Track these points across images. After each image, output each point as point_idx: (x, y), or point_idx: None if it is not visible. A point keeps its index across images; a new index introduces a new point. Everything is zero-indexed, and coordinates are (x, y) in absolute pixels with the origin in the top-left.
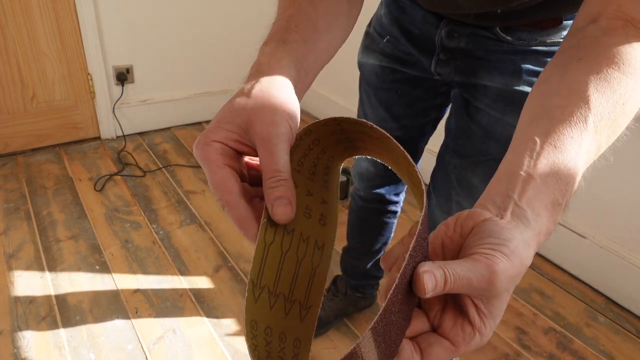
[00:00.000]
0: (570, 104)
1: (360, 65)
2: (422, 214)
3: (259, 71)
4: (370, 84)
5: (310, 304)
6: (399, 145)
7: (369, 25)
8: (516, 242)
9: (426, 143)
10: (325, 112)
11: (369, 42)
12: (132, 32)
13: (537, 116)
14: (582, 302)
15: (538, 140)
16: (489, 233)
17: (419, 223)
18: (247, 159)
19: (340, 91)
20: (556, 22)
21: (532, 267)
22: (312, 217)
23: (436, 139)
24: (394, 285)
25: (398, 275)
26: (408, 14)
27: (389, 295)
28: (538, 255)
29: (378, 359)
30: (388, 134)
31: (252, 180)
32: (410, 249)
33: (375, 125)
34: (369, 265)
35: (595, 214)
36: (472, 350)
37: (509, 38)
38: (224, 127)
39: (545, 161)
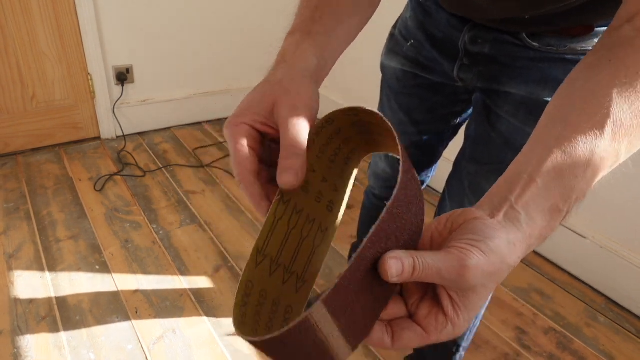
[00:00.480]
0: (589, 108)
1: (383, 68)
2: (390, 203)
3: (284, 60)
4: (392, 88)
5: (306, 279)
6: (397, 141)
7: (394, 27)
8: (498, 241)
9: (445, 147)
10: (324, 112)
11: (393, 45)
12: (132, 32)
13: (554, 119)
14: (582, 302)
15: (549, 144)
16: (472, 230)
17: (385, 210)
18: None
19: (341, 91)
20: (588, 30)
21: (532, 267)
22: (321, 203)
23: (455, 146)
24: (349, 265)
25: (354, 256)
26: (433, 17)
27: (342, 272)
28: (538, 255)
29: (341, 333)
30: (392, 128)
31: (274, 163)
32: (370, 234)
33: (383, 117)
34: None
35: (595, 214)
36: (444, 339)
37: (535, 44)
38: (252, 110)
39: (551, 165)
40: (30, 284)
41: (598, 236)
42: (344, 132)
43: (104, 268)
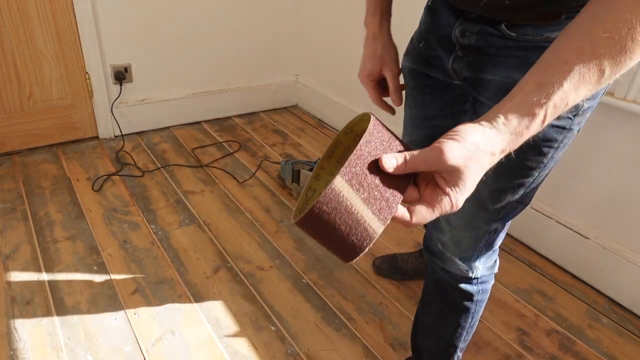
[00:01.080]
0: (573, 36)
1: (402, 69)
2: (366, 136)
3: (375, 36)
4: (409, 86)
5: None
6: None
7: (415, 31)
8: (473, 133)
9: None
10: (324, 112)
11: (410, 47)
12: (130, 31)
13: (549, 51)
14: (585, 304)
15: (536, 68)
16: (455, 130)
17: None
18: None
19: (341, 91)
20: (556, 15)
21: (534, 267)
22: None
23: None
24: (354, 152)
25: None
26: (439, 16)
27: (351, 157)
28: (540, 256)
29: (365, 204)
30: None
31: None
32: (361, 142)
33: (357, 117)
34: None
35: (597, 215)
36: (445, 211)
37: (513, 34)
38: (371, 70)
39: (533, 81)
40: (27, 285)
41: (600, 237)
42: (350, 149)
43: (102, 269)
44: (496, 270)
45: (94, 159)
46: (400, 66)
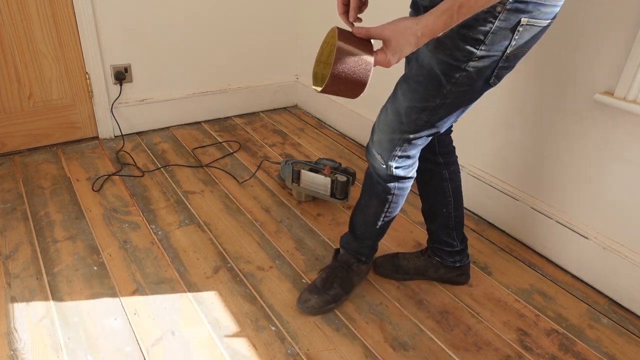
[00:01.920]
0: None
1: None
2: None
3: None
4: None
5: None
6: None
7: None
8: (406, 19)
9: None
10: (324, 112)
11: (410, 11)
12: (130, 31)
13: None
14: (585, 304)
15: None
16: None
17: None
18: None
19: None
20: None
21: (534, 268)
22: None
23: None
24: (339, 32)
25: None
26: None
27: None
28: (540, 255)
29: (358, 49)
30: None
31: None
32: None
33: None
34: (435, 229)
35: (597, 214)
36: (386, 63)
37: None
38: None
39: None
40: (27, 286)
41: (600, 237)
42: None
43: (102, 269)
44: (413, 175)
45: (94, 159)
46: None
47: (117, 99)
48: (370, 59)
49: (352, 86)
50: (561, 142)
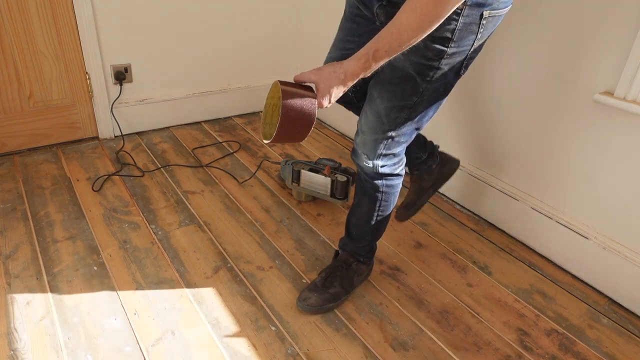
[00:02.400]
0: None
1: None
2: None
3: None
4: (345, 13)
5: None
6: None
7: None
8: (329, 66)
9: None
10: (324, 112)
11: None
12: (130, 31)
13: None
14: (585, 304)
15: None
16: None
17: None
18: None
19: None
20: None
21: (534, 268)
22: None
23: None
24: (282, 84)
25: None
26: None
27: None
28: (540, 256)
29: (302, 90)
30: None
31: None
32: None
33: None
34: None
35: (597, 215)
36: (319, 105)
37: None
38: None
39: (367, 44)
40: (27, 285)
41: (600, 237)
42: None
43: (102, 269)
44: (400, 172)
45: (94, 159)
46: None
47: (117, 99)
48: (314, 98)
49: (301, 124)
50: (561, 142)
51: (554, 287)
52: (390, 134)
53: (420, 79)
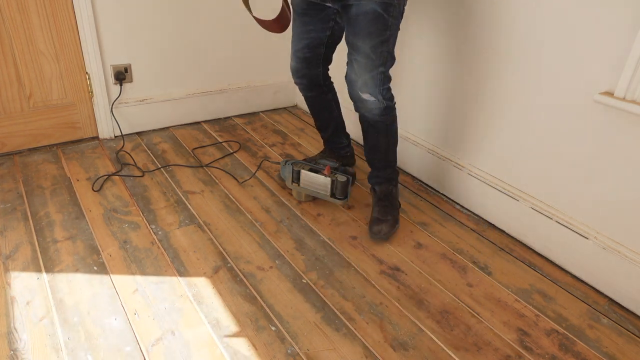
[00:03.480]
0: None
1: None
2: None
3: None
4: (297, 11)
5: None
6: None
7: None
8: None
9: (327, 48)
10: None
11: None
12: (130, 31)
13: None
14: (585, 304)
15: None
16: None
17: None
18: None
19: (340, 91)
20: None
21: (534, 267)
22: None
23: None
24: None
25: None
26: None
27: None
28: (540, 256)
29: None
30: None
31: None
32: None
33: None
34: (329, 136)
35: (597, 215)
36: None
37: None
38: None
39: None
40: (27, 285)
41: (600, 237)
42: None
43: (102, 269)
44: (395, 103)
45: (94, 159)
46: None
47: (117, 99)
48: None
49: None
50: (561, 142)
51: (554, 287)
52: (380, 69)
53: (387, 15)
